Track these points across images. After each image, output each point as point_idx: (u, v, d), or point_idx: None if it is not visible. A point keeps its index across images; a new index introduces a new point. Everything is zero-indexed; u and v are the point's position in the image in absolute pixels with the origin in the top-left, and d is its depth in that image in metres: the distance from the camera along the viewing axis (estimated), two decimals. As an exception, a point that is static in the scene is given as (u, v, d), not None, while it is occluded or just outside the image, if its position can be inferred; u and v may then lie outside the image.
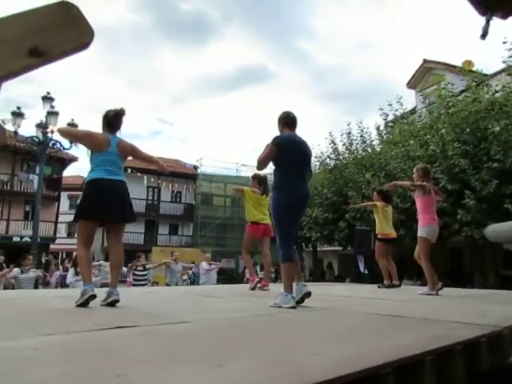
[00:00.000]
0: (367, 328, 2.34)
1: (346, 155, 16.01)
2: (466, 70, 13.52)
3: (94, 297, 2.92)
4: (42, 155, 13.88)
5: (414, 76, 21.34)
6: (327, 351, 1.64)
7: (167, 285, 9.05)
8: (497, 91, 10.66)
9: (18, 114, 13.38)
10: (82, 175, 33.19)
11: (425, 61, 20.92)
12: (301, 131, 3.59)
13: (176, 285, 9.25)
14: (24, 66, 0.80)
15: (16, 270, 6.71)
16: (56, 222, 24.20)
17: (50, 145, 14.04)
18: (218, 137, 76.44)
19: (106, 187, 3.16)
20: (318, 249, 20.36)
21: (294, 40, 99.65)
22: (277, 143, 3.29)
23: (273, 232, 4.39)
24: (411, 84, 21.62)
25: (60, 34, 0.88)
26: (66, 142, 14.23)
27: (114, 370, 1.30)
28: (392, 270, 6.07)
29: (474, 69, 18.28)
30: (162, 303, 3.66)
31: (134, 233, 26.47)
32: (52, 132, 13.66)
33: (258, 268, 13.93)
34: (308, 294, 3.25)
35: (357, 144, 15.84)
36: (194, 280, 14.48)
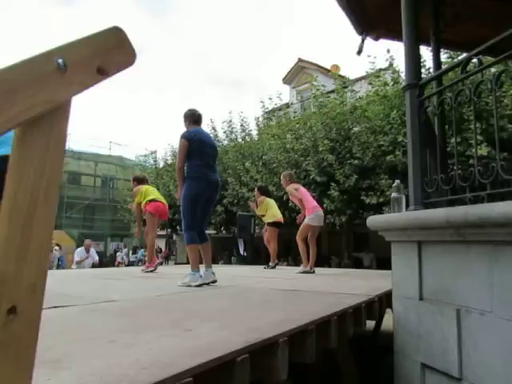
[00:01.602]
0: (278, 300, 2.81)
1: (226, 142, 16.64)
2: (334, 73, 15.09)
3: None
4: None
5: (289, 72, 22.90)
6: (263, 317, 2.03)
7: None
8: (360, 97, 12.25)
9: None
10: None
11: (299, 60, 22.52)
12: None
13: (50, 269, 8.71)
14: (93, 82, 1.02)
15: None
16: None
17: None
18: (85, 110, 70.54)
19: None
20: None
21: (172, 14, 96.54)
22: (188, 138, 3.57)
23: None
24: (286, 80, 23.18)
25: (115, 56, 1.11)
26: None
27: (102, 338, 1.50)
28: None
29: (340, 73, 20.44)
30: (70, 286, 3.64)
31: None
32: None
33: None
34: (214, 282, 3.60)
35: (236, 132, 16.57)
36: (59, 264, 13.61)
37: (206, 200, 3.67)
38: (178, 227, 18.90)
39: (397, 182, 2.99)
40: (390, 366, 2.57)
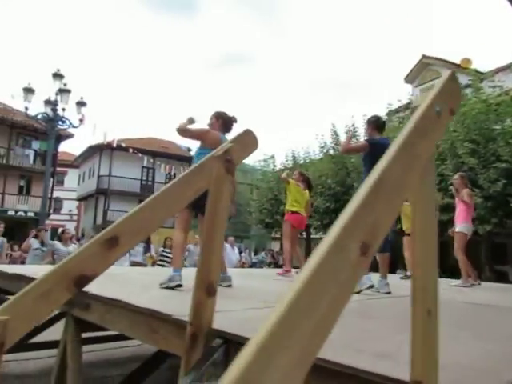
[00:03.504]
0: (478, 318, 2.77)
1: (348, 146, 16.46)
2: (468, 68, 13.97)
3: (180, 286, 2.99)
4: (51, 132, 13.80)
5: (411, 71, 21.81)
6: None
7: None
8: (506, 91, 11.15)
9: (28, 90, 13.25)
10: (70, 152, 32.80)
11: (423, 56, 21.31)
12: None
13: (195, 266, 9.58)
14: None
15: (57, 243, 6.92)
16: (51, 198, 24.02)
17: (60, 122, 13.95)
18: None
19: None
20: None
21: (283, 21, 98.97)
22: (373, 144, 3.67)
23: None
24: (408, 78, 22.11)
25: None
26: (75, 120, 14.20)
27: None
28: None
29: (471, 67, 18.84)
30: (254, 284, 4.02)
31: (127, 212, 26.50)
32: (63, 110, 13.62)
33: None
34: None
35: (359, 136, 16.31)
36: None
37: None
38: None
39: None
40: None
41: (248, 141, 1.72)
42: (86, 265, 1.24)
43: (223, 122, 3.61)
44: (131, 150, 20.32)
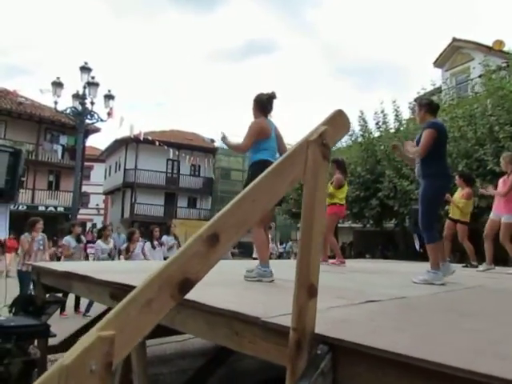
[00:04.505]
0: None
1: (377, 134, 16.05)
2: (501, 50, 13.37)
3: (272, 281, 3.02)
4: (81, 126, 13.84)
5: (441, 54, 21.05)
6: None
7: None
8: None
9: (57, 84, 13.30)
10: (95, 147, 33.17)
11: (454, 39, 20.55)
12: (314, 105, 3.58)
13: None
14: None
15: (99, 242, 6.88)
16: (80, 193, 24.41)
17: (89, 116, 13.99)
18: (233, 110, 75.80)
19: None
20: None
21: (304, 11, 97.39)
22: (440, 130, 3.41)
23: None
24: (438, 63, 21.37)
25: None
26: (103, 114, 14.25)
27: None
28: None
29: (504, 49, 18.09)
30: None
31: (154, 205, 26.73)
32: (92, 103, 13.64)
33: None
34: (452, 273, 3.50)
35: (388, 122, 15.85)
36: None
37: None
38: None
39: None
40: None
41: (341, 122, 1.53)
42: (189, 267, 1.09)
43: (260, 105, 3.40)
44: (157, 143, 20.35)
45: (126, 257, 6.88)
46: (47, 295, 4.00)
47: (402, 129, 15.35)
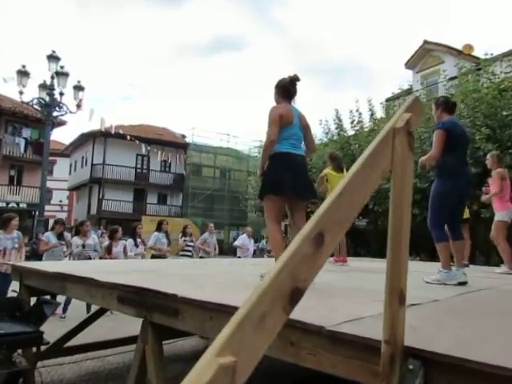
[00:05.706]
0: None
1: (352, 132, 16.21)
2: (470, 54, 13.75)
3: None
4: (48, 118, 13.14)
5: (412, 56, 21.50)
6: None
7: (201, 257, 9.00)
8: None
9: (23, 73, 12.56)
10: (59, 141, 31.83)
11: (425, 42, 20.99)
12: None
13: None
14: None
15: (75, 238, 6.48)
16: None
17: (57, 108, 13.31)
18: (203, 104, 74.81)
19: (293, 162, 3.02)
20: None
21: (273, 10, 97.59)
22: (444, 129, 3.33)
23: None
24: (409, 64, 21.82)
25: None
26: (72, 106, 13.62)
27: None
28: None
29: (473, 53, 18.65)
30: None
31: (122, 201, 25.95)
32: (61, 94, 12.98)
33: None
34: (464, 284, 3.19)
35: (362, 122, 16.02)
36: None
37: (460, 196, 3.46)
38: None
39: None
40: None
41: (418, 110, 1.40)
42: (297, 274, 0.92)
43: (283, 90, 3.22)
44: (128, 138, 19.72)
45: (105, 256, 6.52)
46: (32, 298, 3.67)
47: (376, 128, 15.57)
